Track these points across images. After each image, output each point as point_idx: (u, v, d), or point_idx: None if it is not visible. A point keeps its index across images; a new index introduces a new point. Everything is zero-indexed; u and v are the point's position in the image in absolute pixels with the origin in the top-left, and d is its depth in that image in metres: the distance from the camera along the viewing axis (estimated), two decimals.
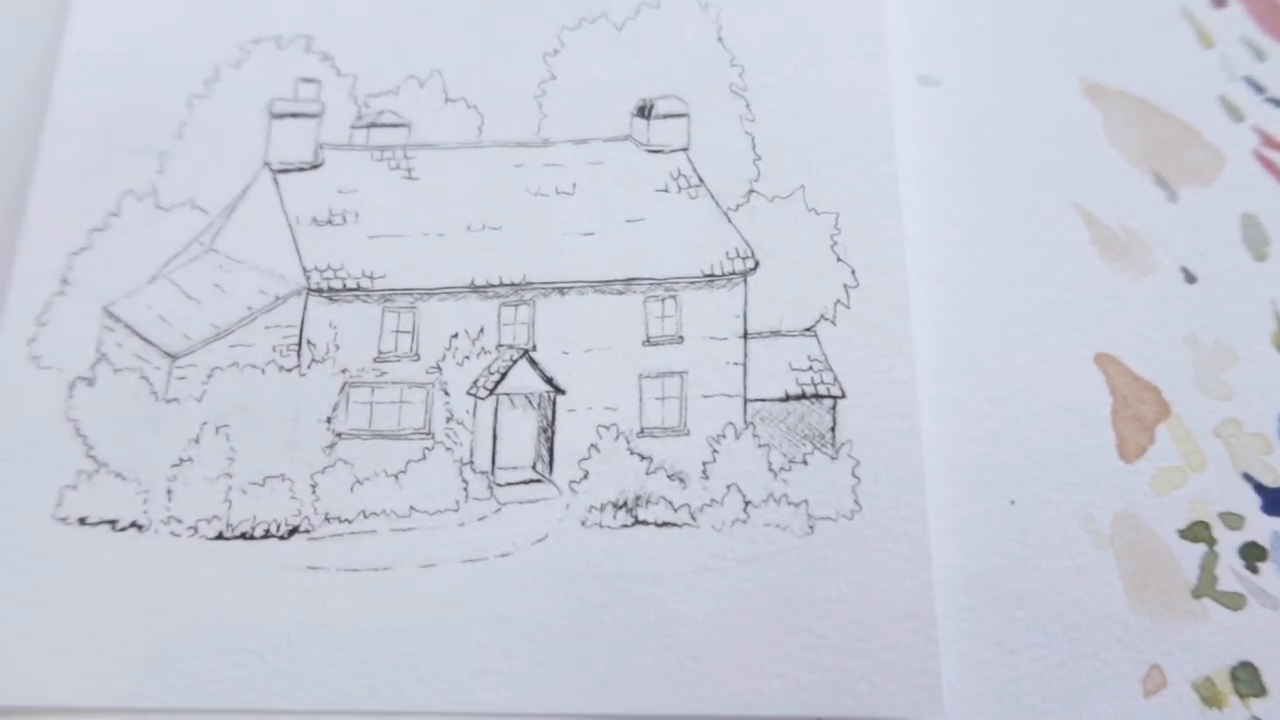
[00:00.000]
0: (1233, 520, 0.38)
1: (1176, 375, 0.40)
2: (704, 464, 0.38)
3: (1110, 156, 0.43)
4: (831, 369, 0.39)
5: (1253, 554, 0.38)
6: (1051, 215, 0.42)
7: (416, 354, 0.41)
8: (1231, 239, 0.42)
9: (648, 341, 0.40)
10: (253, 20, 0.45)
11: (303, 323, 0.41)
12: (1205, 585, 0.37)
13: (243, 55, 0.45)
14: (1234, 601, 0.37)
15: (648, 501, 0.38)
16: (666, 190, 0.42)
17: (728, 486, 0.38)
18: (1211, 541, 0.38)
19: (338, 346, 0.41)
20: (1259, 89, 0.45)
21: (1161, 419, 0.39)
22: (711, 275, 0.41)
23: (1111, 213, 0.42)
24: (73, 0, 0.46)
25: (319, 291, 0.41)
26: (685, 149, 0.43)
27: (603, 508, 0.38)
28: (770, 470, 0.38)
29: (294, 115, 0.44)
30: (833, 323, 0.40)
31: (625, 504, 0.38)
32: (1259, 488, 0.39)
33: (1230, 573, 0.37)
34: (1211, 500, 0.38)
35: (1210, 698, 0.36)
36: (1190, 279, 0.41)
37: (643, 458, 0.39)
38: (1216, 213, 0.42)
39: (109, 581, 0.38)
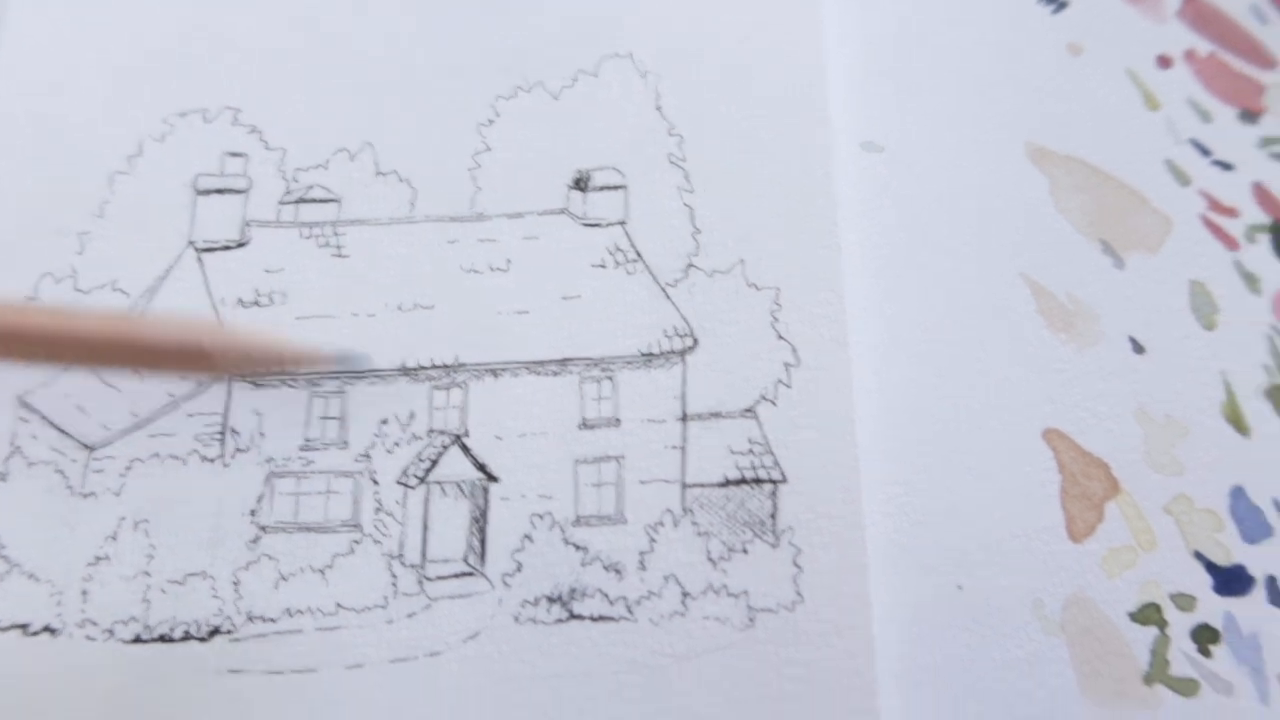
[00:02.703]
0: (1184, 601, 0.37)
1: (1126, 450, 0.39)
2: (641, 554, 0.37)
3: (1057, 223, 0.43)
4: (772, 452, 0.38)
5: (1205, 636, 0.37)
6: (997, 285, 0.41)
7: (344, 441, 0.39)
8: (1179, 307, 0.41)
9: (584, 425, 0.39)
10: (179, 92, 0.44)
11: (226, 410, 0.39)
12: (1157, 671, 0.36)
13: (168, 129, 0.44)
14: (1187, 688, 0.36)
15: (583, 594, 0.37)
16: (604, 266, 0.41)
17: (665, 578, 0.37)
18: (1163, 624, 0.37)
19: (262, 434, 0.39)
20: (1205, 152, 0.44)
21: (1111, 496, 0.39)
22: (649, 354, 0.40)
23: (1058, 281, 0.42)
24: None
25: (243, 377, 0.40)
26: (623, 222, 0.42)
27: (536, 602, 0.37)
28: (709, 560, 0.37)
29: (220, 191, 0.42)
30: (773, 403, 0.39)
31: (560, 598, 0.37)
32: (1210, 567, 0.38)
33: (1183, 657, 0.36)
34: (1163, 581, 0.37)
35: None
36: (1139, 349, 0.41)
37: (578, 548, 0.37)
38: (1164, 280, 0.42)
39: (21, 690, 0.36)
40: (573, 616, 0.36)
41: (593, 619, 0.36)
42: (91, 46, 0.45)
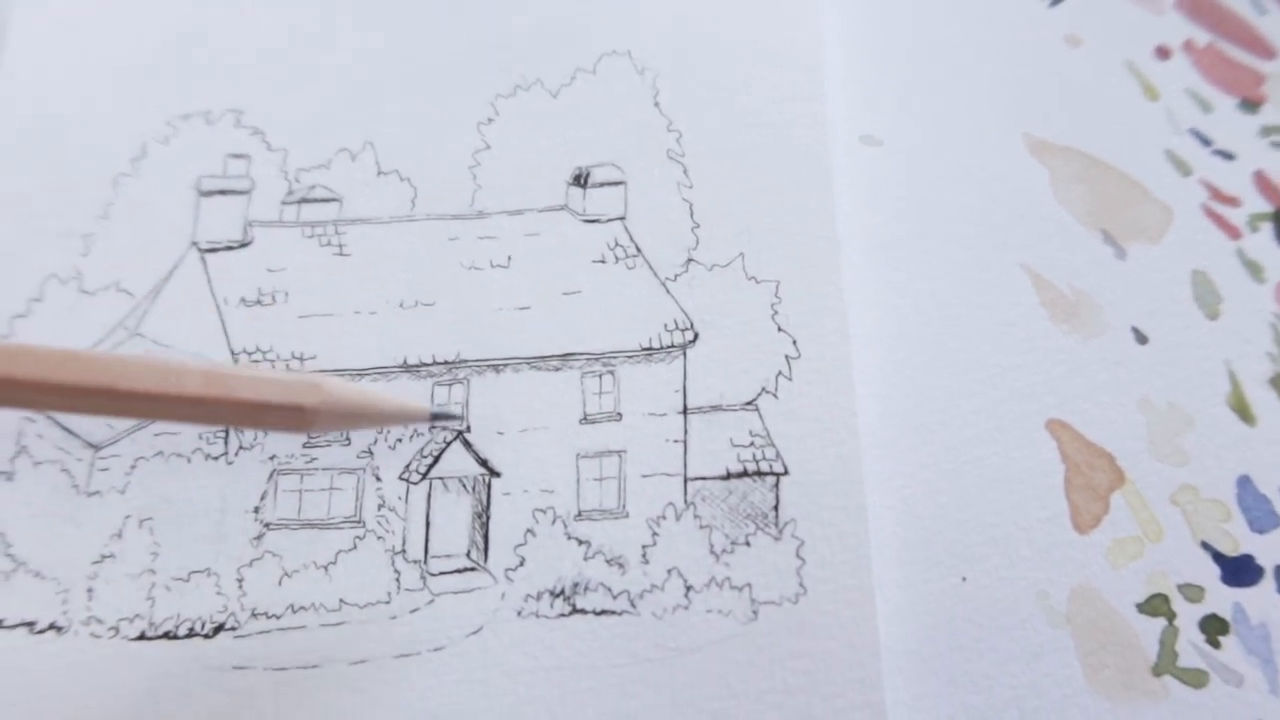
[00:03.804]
0: (1192, 592, 0.37)
1: (1130, 441, 0.39)
2: (644, 547, 0.37)
3: (1057, 214, 0.42)
4: (774, 444, 0.38)
5: (1214, 627, 0.36)
6: (998, 276, 0.41)
7: (347, 438, 0.39)
8: (1182, 297, 0.41)
9: (585, 419, 0.39)
10: (182, 95, 0.45)
11: None
12: (1166, 662, 0.36)
13: (171, 131, 0.44)
14: (1196, 679, 0.36)
15: (586, 588, 0.37)
16: (603, 261, 0.41)
17: (668, 571, 0.37)
18: (1171, 615, 0.37)
19: (266, 432, 0.39)
20: (1205, 141, 0.44)
21: (1116, 487, 0.38)
22: (650, 349, 0.40)
23: (1060, 272, 0.41)
24: None
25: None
26: (622, 218, 0.42)
27: (539, 596, 0.37)
28: (712, 553, 0.37)
29: (222, 192, 0.43)
30: (774, 395, 0.39)
31: (563, 592, 0.37)
32: (1218, 557, 0.37)
33: (1191, 648, 0.36)
34: (1170, 571, 0.37)
35: None
36: (1142, 340, 0.40)
37: (580, 542, 0.37)
38: (1166, 270, 0.41)
39: (27, 687, 0.36)
40: (575, 610, 0.36)
41: (595, 613, 0.36)
42: (95, 49, 0.46)
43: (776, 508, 0.37)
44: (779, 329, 0.40)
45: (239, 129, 0.44)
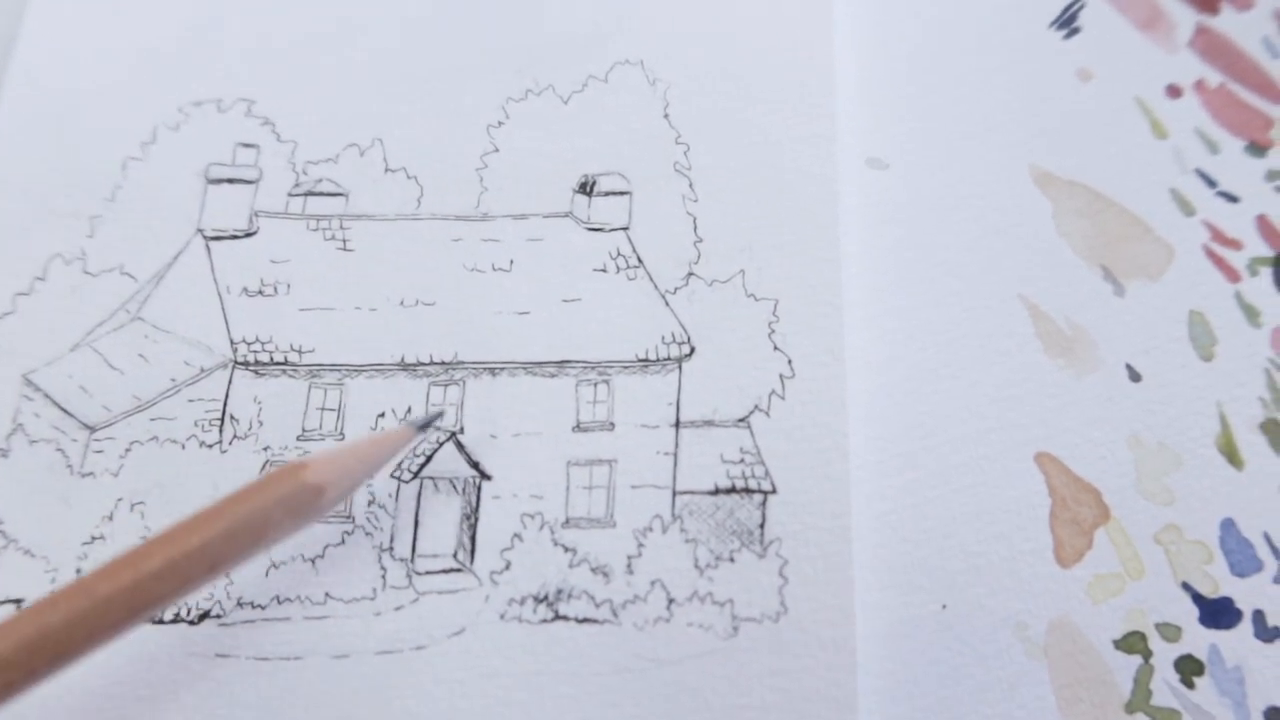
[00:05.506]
0: (1170, 632, 0.37)
1: (1118, 477, 0.39)
2: (629, 558, 0.37)
3: (1058, 247, 0.43)
4: (763, 462, 0.38)
5: (1188, 668, 0.37)
6: (996, 307, 0.42)
7: (341, 433, 0.39)
8: (1178, 337, 0.41)
9: (578, 427, 0.39)
10: (194, 82, 0.45)
11: (227, 397, 0.40)
12: (1139, 700, 0.36)
13: (182, 118, 0.44)
14: (1168, 718, 0.36)
15: (569, 596, 0.37)
16: (605, 270, 0.42)
17: (652, 583, 0.37)
18: (1147, 654, 0.37)
19: (261, 423, 0.40)
20: (1210, 183, 0.44)
21: (1101, 523, 0.39)
22: (646, 360, 0.40)
23: (1057, 306, 0.42)
24: (10, 57, 0.45)
25: (245, 365, 0.40)
26: (626, 228, 0.42)
27: (523, 601, 0.37)
28: (696, 567, 0.37)
29: (230, 181, 0.43)
30: (767, 414, 0.39)
31: (546, 597, 0.37)
32: (1198, 598, 0.38)
33: (1165, 686, 0.36)
34: (1149, 610, 0.37)
35: None
36: (1135, 377, 0.41)
37: (566, 549, 0.38)
38: (1163, 309, 0.41)
39: None
40: (558, 617, 0.37)
41: (578, 620, 0.37)
42: (110, 34, 0.46)
43: (762, 525, 0.37)
44: (775, 347, 0.40)
45: (250, 119, 0.44)
